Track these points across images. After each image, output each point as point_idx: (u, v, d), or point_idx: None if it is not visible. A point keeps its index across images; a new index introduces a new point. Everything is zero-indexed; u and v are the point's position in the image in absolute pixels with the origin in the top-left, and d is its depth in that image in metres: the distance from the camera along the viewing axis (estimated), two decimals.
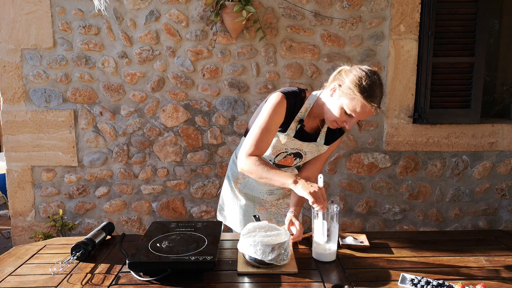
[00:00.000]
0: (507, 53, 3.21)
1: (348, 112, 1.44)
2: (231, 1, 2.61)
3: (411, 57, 2.85)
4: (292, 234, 1.56)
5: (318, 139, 1.64)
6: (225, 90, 2.90)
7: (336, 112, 1.48)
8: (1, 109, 2.90)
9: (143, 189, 3.00)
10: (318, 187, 1.40)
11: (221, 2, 2.62)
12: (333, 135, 1.67)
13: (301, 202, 1.67)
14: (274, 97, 1.56)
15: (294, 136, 1.61)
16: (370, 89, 1.39)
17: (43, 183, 2.98)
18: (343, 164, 3.00)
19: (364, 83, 1.39)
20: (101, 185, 3.00)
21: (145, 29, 2.81)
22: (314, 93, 1.62)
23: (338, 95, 1.47)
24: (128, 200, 3.02)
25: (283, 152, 1.66)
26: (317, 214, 1.41)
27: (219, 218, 1.96)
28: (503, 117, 3.16)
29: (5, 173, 2.99)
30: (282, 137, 1.60)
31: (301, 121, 1.60)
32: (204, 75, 2.87)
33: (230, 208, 1.88)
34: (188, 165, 2.98)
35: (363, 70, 1.43)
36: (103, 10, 2.50)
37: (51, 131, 2.91)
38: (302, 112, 1.59)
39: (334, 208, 1.43)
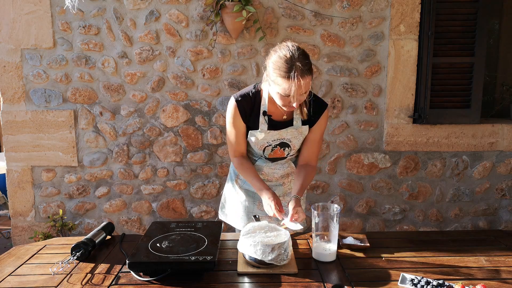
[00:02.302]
0: (507, 53, 3.21)
1: (284, 94, 1.48)
2: (231, 1, 2.61)
3: (411, 57, 2.85)
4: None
5: (294, 122, 1.67)
6: (225, 90, 2.90)
7: (276, 98, 1.53)
8: (1, 109, 2.90)
9: (143, 189, 3.00)
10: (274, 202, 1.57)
11: (221, 2, 2.62)
12: (314, 113, 1.66)
13: (302, 187, 1.65)
14: (229, 106, 1.67)
15: (268, 129, 1.66)
16: (290, 67, 1.42)
17: (43, 183, 2.98)
18: (343, 164, 3.00)
19: (281, 65, 1.43)
20: (101, 185, 3.00)
21: (145, 29, 2.81)
22: (266, 84, 1.62)
23: (269, 83, 1.52)
24: (128, 200, 3.02)
25: (268, 146, 1.70)
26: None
27: (220, 216, 1.96)
28: (503, 117, 3.16)
29: (5, 173, 2.99)
30: (259, 134, 1.66)
31: (264, 113, 1.65)
32: (204, 75, 2.87)
33: (232, 205, 1.89)
34: (188, 165, 2.98)
35: (276, 52, 1.47)
36: (71, 7, 2.51)
37: (51, 131, 2.91)
38: (264, 105, 1.65)
39: (334, 208, 1.43)
